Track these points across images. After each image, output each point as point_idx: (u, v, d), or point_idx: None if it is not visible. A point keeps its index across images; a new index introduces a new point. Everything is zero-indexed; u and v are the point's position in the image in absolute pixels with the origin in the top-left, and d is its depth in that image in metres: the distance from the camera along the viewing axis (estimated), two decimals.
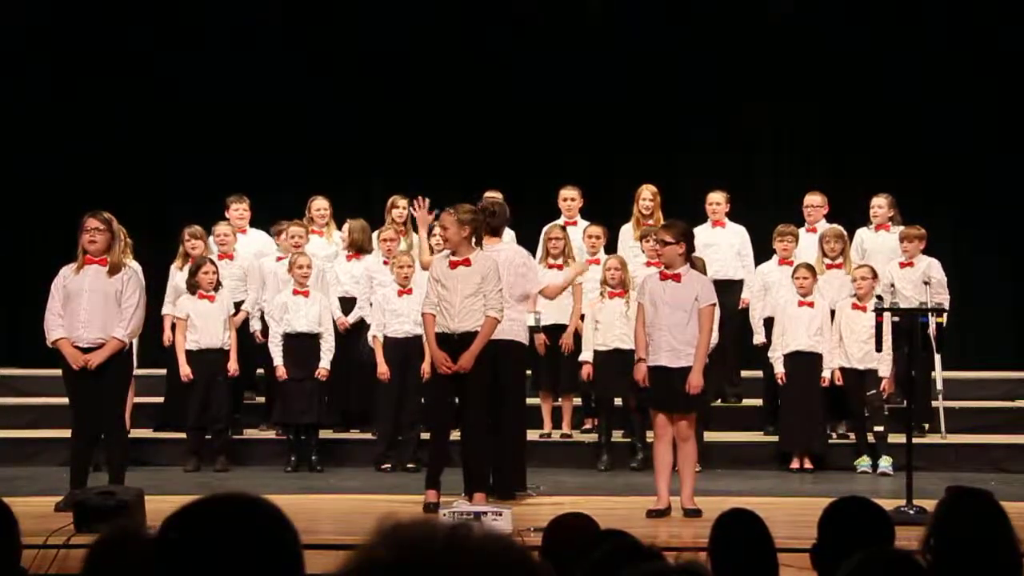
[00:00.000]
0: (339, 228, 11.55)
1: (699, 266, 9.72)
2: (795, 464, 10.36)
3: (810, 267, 10.60)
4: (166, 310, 10.93)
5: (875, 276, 10.46)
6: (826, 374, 10.42)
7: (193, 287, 10.57)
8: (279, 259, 11.20)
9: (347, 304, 11.06)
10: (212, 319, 10.54)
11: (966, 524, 3.57)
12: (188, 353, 10.49)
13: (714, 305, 8.47)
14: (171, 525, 1.95)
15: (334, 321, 10.83)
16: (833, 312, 10.50)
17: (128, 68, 13.34)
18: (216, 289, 10.59)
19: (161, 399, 11.06)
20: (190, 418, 10.45)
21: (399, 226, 11.16)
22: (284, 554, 1.95)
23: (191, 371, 10.44)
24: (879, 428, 10.26)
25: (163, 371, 10.95)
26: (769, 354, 10.65)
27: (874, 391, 10.25)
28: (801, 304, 10.49)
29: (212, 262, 10.70)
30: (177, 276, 11.00)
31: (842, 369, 10.38)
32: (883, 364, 10.14)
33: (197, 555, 1.91)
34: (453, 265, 8.55)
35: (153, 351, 11.18)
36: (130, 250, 10.93)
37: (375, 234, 11.22)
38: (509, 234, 10.63)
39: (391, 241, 10.91)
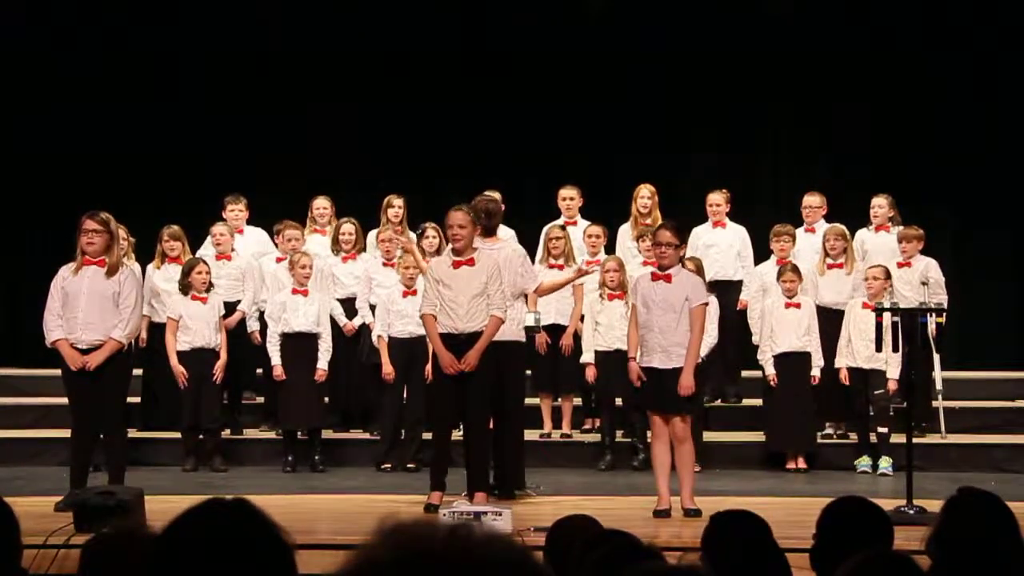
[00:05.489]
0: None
1: (695, 266, 9.72)
2: (791, 464, 10.36)
3: (796, 270, 10.55)
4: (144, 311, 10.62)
5: (888, 276, 10.39)
6: (815, 372, 10.41)
7: (186, 288, 10.53)
8: (279, 259, 11.17)
9: (347, 305, 11.01)
10: (204, 320, 10.50)
11: (971, 524, 3.56)
12: (179, 354, 10.43)
13: (706, 305, 8.47)
14: (168, 533, 1.96)
15: (336, 323, 10.81)
16: (841, 312, 10.48)
17: (127, 67, 13.34)
18: (208, 290, 10.57)
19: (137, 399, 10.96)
20: (184, 418, 10.43)
21: (396, 226, 11.14)
22: (278, 563, 1.95)
23: (184, 371, 10.40)
24: (882, 428, 10.24)
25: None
26: (759, 356, 10.63)
27: (881, 391, 10.24)
28: (788, 306, 10.47)
29: (205, 263, 10.66)
30: (155, 276, 10.93)
31: (848, 368, 10.38)
32: (892, 365, 10.04)
33: (192, 565, 1.91)
34: (456, 265, 8.54)
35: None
36: (132, 250, 10.93)
37: (371, 234, 11.20)
38: (509, 232, 10.62)
39: (389, 242, 10.89)
